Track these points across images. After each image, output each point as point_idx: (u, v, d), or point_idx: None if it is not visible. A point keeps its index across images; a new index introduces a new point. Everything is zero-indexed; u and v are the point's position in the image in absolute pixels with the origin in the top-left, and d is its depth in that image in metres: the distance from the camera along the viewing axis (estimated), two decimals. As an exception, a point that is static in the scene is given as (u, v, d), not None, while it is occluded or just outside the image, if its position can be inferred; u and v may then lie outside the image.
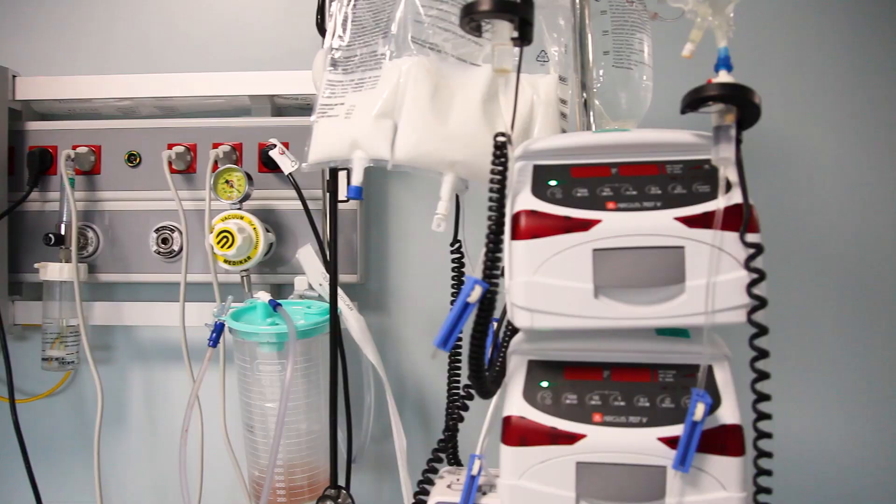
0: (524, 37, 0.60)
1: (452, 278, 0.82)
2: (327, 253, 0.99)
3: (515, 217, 0.60)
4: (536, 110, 0.76)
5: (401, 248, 1.15)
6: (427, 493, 0.71)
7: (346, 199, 0.88)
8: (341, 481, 0.94)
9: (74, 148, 1.10)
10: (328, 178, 0.90)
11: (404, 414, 1.09)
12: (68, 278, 1.04)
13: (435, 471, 0.73)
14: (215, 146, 1.08)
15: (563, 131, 0.78)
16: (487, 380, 0.62)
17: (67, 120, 1.16)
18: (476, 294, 0.56)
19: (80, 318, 1.04)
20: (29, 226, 1.12)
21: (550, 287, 0.58)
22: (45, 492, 1.08)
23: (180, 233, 1.09)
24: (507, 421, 0.62)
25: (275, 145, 1.00)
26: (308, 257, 0.98)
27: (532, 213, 0.59)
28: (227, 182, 1.01)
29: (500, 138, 0.60)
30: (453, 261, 0.82)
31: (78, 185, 1.10)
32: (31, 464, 1.07)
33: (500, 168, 0.59)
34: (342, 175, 0.89)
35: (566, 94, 0.80)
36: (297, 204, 1.07)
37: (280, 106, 1.14)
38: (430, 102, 0.71)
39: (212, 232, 0.98)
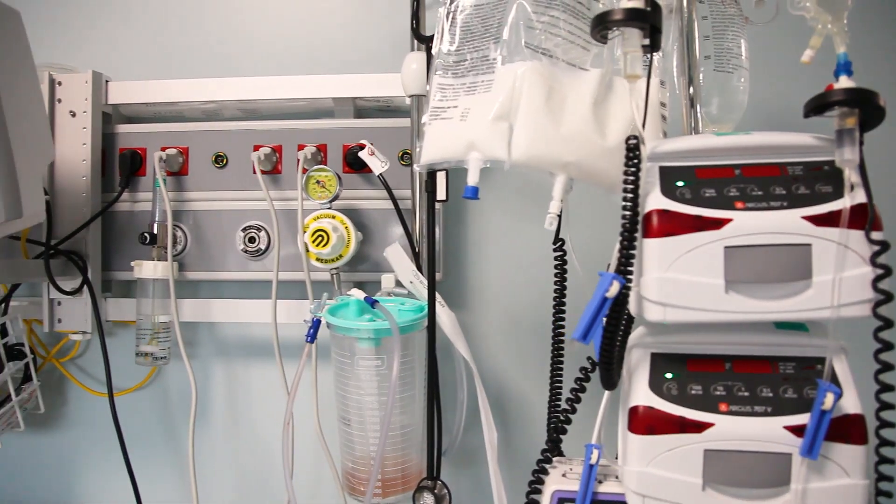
0: (654, 43, 0.62)
1: (555, 275, 0.84)
2: (418, 250, 1.02)
3: (647, 216, 0.63)
4: (641, 113, 0.78)
5: (479, 245, 1.18)
6: (542, 482, 0.74)
7: (443, 198, 0.91)
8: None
9: (163, 150, 1.13)
10: (426, 178, 0.92)
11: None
12: (162, 276, 1.07)
13: (549, 461, 0.75)
14: (300, 147, 1.11)
15: (665, 134, 0.80)
16: (616, 371, 0.65)
17: (152, 123, 1.19)
18: (614, 289, 0.59)
19: (174, 315, 1.08)
20: (119, 226, 1.16)
21: (683, 283, 0.61)
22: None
23: (266, 232, 1.12)
24: (634, 411, 0.65)
25: (364, 146, 1.03)
26: (397, 255, 1.01)
27: (664, 213, 0.62)
28: (317, 182, 1.04)
29: (632, 141, 0.63)
30: (556, 258, 0.84)
31: (167, 186, 1.13)
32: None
33: (634, 169, 0.62)
34: (440, 175, 0.91)
35: (665, 97, 0.83)
36: (381, 203, 1.11)
37: (360, 108, 1.17)
38: (544, 106, 0.73)
39: (305, 231, 1.01)
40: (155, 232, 1.08)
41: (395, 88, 1.09)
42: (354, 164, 1.10)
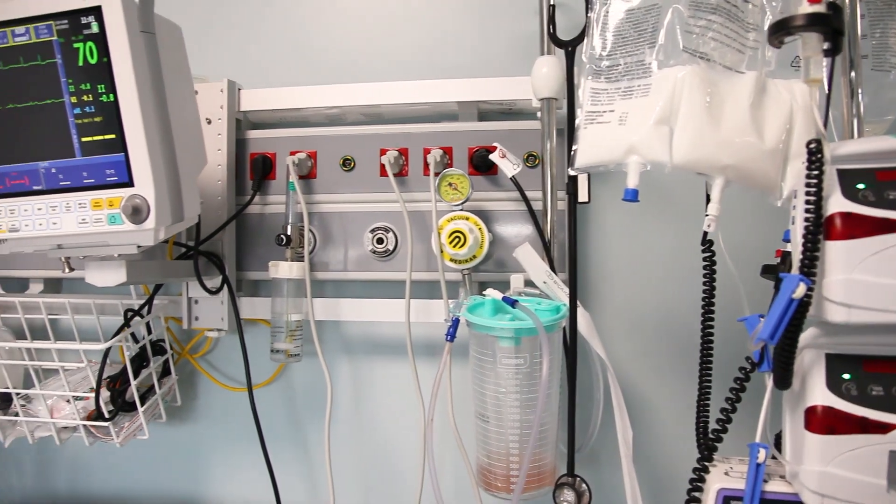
0: (836, 47, 0.63)
1: (704, 276, 0.85)
2: (550, 251, 1.04)
3: (830, 219, 0.63)
4: (796, 116, 0.78)
5: (599, 245, 1.19)
6: (703, 480, 0.75)
7: (585, 200, 0.92)
8: (563, 470, 0.99)
9: (293, 154, 1.17)
10: (567, 180, 0.94)
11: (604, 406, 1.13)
12: (297, 276, 1.11)
13: (710, 459, 0.76)
14: (426, 151, 1.14)
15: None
16: (791, 372, 0.66)
17: (277, 128, 1.24)
18: (801, 290, 0.60)
19: (310, 314, 1.12)
20: (250, 228, 1.21)
21: (869, 284, 0.61)
22: (263, 474, 1.17)
23: (394, 233, 1.15)
24: (812, 410, 0.65)
25: (495, 149, 1.05)
26: (528, 255, 1.03)
27: (847, 216, 0.63)
28: (449, 184, 1.07)
29: (814, 144, 0.63)
30: (705, 259, 0.85)
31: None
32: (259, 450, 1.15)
33: (817, 172, 0.62)
34: (582, 178, 0.93)
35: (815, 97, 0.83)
36: (506, 205, 1.13)
37: (483, 111, 1.19)
38: (704, 109, 0.74)
39: (440, 232, 1.04)
40: (289, 233, 1.12)
41: (520, 92, 1.11)
42: (480, 166, 1.13)
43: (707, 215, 0.75)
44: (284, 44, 1.30)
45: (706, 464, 0.76)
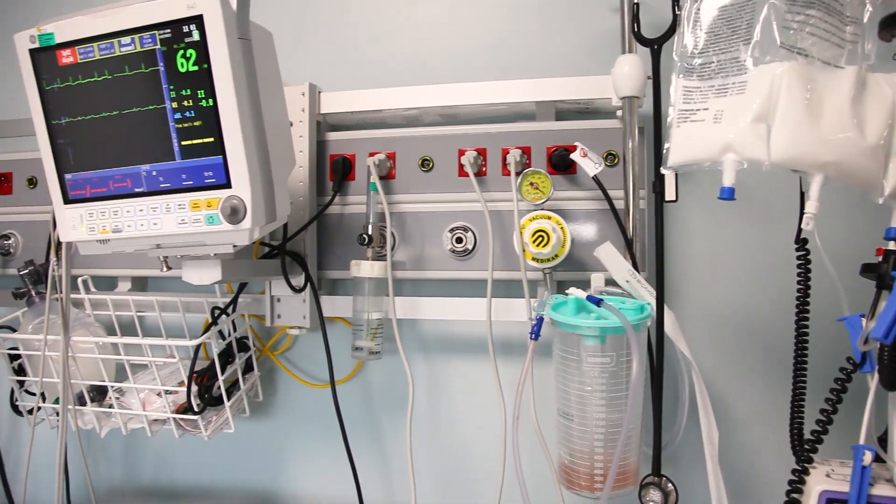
0: (951, 40, 0.61)
1: (799, 275, 0.84)
2: (633, 250, 1.03)
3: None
4: (897, 109, 0.77)
5: (680, 244, 1.18)
6: (803, 481, 0.74)
7: (673, 199, 0.91)
8: (647, 471, 0.99)
9: (372, 155, 1.19)
10: (652, 179, 0.94)
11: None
12: (379, 275, 1.13)
13: (810, 460, 0.75)
14: (504, 151, 1.15)
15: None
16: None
17: (355, 130, 1.26)
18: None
19: (392, 313, 1.14)
20: (329, 228, 1.24)
21: None
22: (340, 470, 1.19)
23: (473, 232, 1.16)
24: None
25: (576, 148, 1.05)
26: (610, 255, 1.02)
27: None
28: (531, 184, 1.07)
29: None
30: (799, 258, 0.84)
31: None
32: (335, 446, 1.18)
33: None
34: (669, 176, 0.92)
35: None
36: (584, 204, 1.13)
37: (559, 110, 1.19)
38: (803, 105, 0.73)
39: (522, 231, 1.05)
40: (370, 233, 1.14)
41: (599, 91, 1.11)
42: (559, 165, 1.13)
43: (805, 213, 0.74)
44: (361, 47, 1.32)
45: (806, 465, 0.75)
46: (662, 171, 0.81)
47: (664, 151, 0.80)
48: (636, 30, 1.02)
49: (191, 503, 1.45)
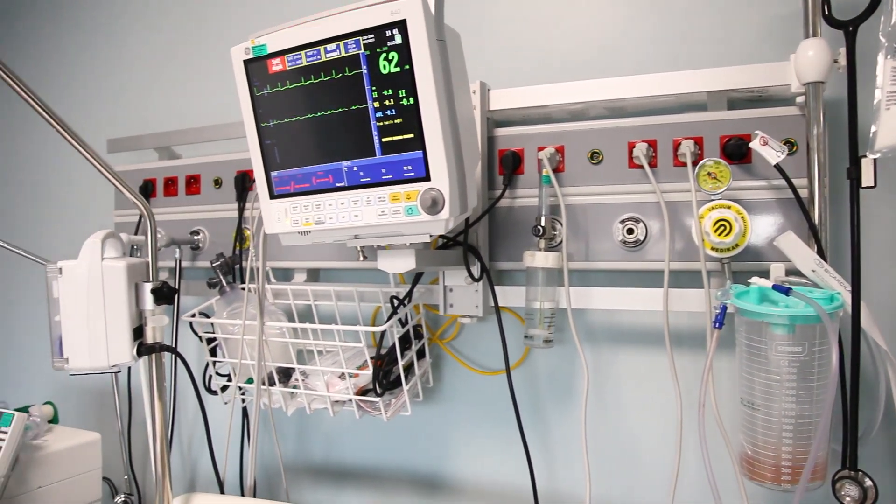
0: None
1: None
2: (819, 240, 1.01)
3: None
4: None
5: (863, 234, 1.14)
6: None
7: (871, 185, 0.89)
8: (836, 466, 0.97)
9: (540, 149, 1.23)
10: (849, 165, 0.92)
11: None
12: (553, 265, 1.16)
13: None
14: (675, 142, 1.15)
15: None
16: None
17: (521, 125, 1.29)
18: None
19: (567, 302, 1.17)
20: (499, 220, 1.28)
21: None
22: (505, 456, 1.23)
23: (644, 223, 1.17)
24: None
25: (756, 136, 1.04)
26: (793, 244, 1.01)
27: None
28: (708, 174, 1.07)
29: None
30: None
31: (545, 183, 1.23)
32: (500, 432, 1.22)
33: None
34: (866, 162, 0.90)
35: None
36: (761, 193, 1.12)
37: (731, 99, 1.18)
38: None
39: (701, 221, 1.05)
40: (543, 224, 1.18)
41: (776, 77, 1.09)
42: (734, 154, 1.12)
43: None
44: (527, 43, 1.36)
45: None
46: (869, 155, 0.80)
47: (870, 135, 0.79)
48: (827, 12, 0.99)
49: (359, 482, 1.54)
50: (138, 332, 1.11)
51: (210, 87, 1.78)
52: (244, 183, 1.52)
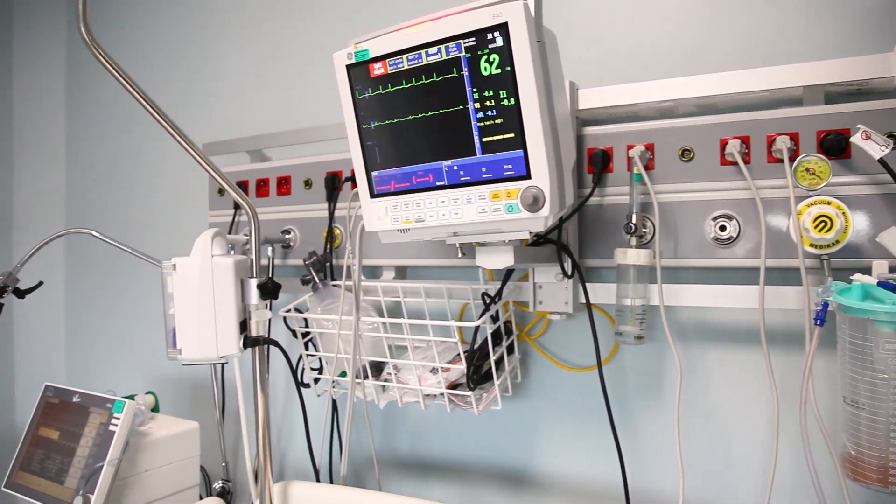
0: None
1: None
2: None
3: None
4: None
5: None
6: None
7: None
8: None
9: (629, 148, 1.23)
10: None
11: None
12: (645, 262, 1.17)
13: None
14: (769, 137, 1.14)
15: None
16: None
17: (608, 124, 1.30)
18: None
19: (660, 300, 1.17)
20: (588, 218, 1.29)
21: None
22: (592, 451, 1.23)
23: (737, 220, 1.17)
24: None
25: (858, 131, 1.03)
26: (898, 240, 0.99)
27: None
28: (807, 170, 1.06)
29: None
30: None
31: (636, 180, 1.23)
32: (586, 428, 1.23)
33: None
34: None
35: None
36: (861, 189, 1.10)
37: (828, 93, 1.16)
38: None
39: (799, 217, 1.04)
40: (634, 222, 1.18)
41: (877, 69, 1.08)
42: (832, 149, 1.10)
43: None
44: (613, 41, 1.37)
45: None
46: None
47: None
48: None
49: (445, 475, 1.58)
50: (242, 326, 1.17)
51: (299, 92, 1.85)
52: (334, 183, 1.57)
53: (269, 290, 1.17)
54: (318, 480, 1.49)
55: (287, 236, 1.66)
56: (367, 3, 1.71)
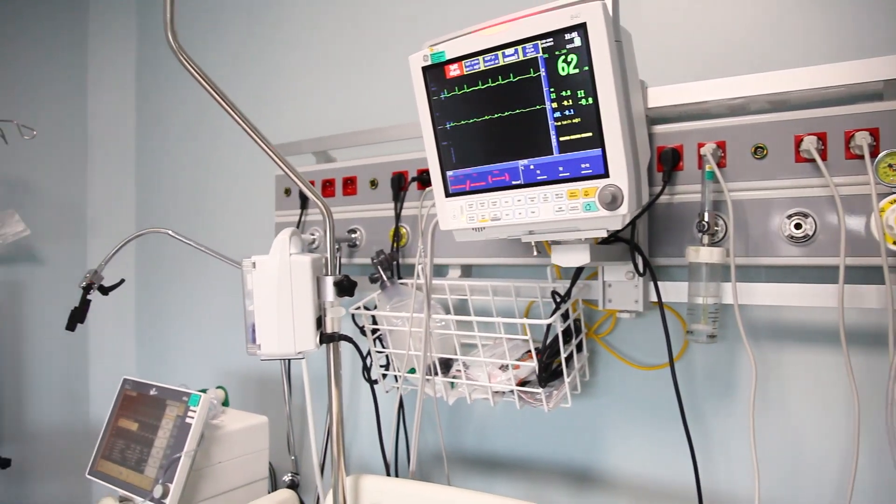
0: None
1: None
2: None
3: None
4: None
5: None
6: None
7: None
8: None
9: (700, 146, 1.23)
10: None
11: None
12: (717, 261, 1.17)
13: None
14: (847, 134, 1.12)
15: None
16: None
17: (677, 122, 1.29)
18: None
19: (734, 298, 1.16)
20: (658, 216, 1.29)
21: None
22: (660, 451, 1.23)
23: (813, 218, 1.15)
24: None
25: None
26: None
27: None
28: (889, 165, 1.05)
29: None
30: None
31: (707, 178, 1.23)
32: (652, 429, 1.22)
33: None
34: None
35: None
36: (944, 185, 1.08)
37: (907, 88, 1.15)
38: None
39: (882, 214, 1.02)
40: (707, 220, 1.18)
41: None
42: (916, 145, 1.09)
43: None
44: (683, 38, 1.37)
45: None
46: None
47: None
48: None
49: (511, 472, 1.59)
50: (317, 323, 1.21)
51: (363, 93, 1.88)
52: (400, 183, 1.60)
53: (346, 288, 1.20)
54: (388, 475, 1.52)
55: (353, 235, 1.69)
56: (431, 6, 1.74)
